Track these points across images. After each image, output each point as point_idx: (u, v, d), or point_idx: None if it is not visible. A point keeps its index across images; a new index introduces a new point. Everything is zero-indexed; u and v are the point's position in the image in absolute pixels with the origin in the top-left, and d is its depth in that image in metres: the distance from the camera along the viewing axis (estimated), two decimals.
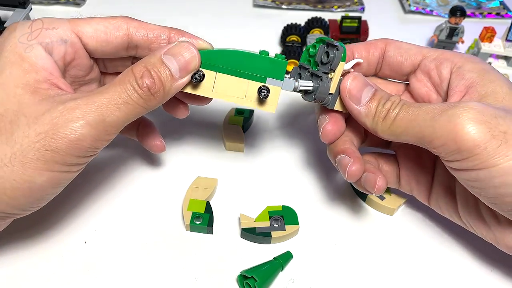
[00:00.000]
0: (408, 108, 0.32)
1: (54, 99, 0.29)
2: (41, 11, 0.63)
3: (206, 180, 0.42)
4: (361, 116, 0.34)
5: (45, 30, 0.32)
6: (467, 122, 0.28)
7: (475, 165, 0.29)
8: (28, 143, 0.28)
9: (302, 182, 0.45)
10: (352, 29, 0.60)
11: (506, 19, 0.69)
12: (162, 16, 0.65)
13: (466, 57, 0.35)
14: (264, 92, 0.34)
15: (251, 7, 0.69)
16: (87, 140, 0.29)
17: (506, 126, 0.28)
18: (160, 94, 0.31)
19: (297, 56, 0.55)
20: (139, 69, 0.30)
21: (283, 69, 0.34)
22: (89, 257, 0.37)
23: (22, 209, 0.31)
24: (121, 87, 0.30)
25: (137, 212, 0.41)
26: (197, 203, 0.40)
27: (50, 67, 0.31)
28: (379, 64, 0.39)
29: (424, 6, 0.70)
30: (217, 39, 0.62)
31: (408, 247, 0.40)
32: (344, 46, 0.34)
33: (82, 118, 0.28)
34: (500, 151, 0.28)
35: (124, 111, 0.30)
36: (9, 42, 0.31)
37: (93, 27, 0.33)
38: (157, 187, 0.43)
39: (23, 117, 0.28)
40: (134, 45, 0.35)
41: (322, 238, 0.40)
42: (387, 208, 0.42)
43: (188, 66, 0.32)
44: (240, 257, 0.38)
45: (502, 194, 0.29)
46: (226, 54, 0.33)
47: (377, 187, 0.35)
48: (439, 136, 0.30)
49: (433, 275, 0.38)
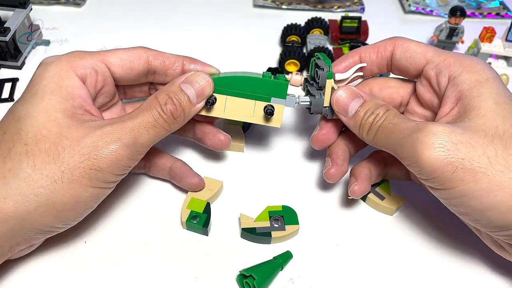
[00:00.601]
0: (388, 124, 0.34)
1: (89, 124, 0.33)
2: (41, 11, 0.63)
3: (211, 181, 0.42)
4: (350, 126, 0.38)
5: (78, 61, 0.35)
6: (426, 148, 0.30)
7: (436, 185, 0.32)
8: (74, 162, 0.31)
9: (302, 182, 0.45)
10: (352, 29, 0.60)
11: (506, 19, 0.69)
12: (162, 17, 0.65)
13: (466, 65, 0.35)
14: (270, 110, 0.39)
15: (251, 7, 0.69)
16: (123, 160, 0.33)
17: (465, 151, 0.30)
18: (181, 118, 0.36)
19: (297, 56, 0.55)
20: (162, 96, 0.35)
21: (285, 89, 0.39)
22: (89, 257, 0.37)
23: (65, 223, 0.34)
24: (148, 113, 0.34)
25: (137, 212, 0.41)
26: (198, 202, 0.40)
27: (84, 95, 0.35)
28: (388, 65, 0.40)
29: (424, 6, 0.70)
30: (217, 39, 0.62)
31: (408, 247, 0.40)
32: (330, 65, 0.39)
33: (119, 140, 0.32)
34: (456, 176, 0.30)
35: (152, 134, 0.34)
36: (48, 73, 0.34)
37: (119, 57, 0.37)
38: (158, 187, 0.43)
39: (65, 139, 0.32)
40: (153, 71, 0.39)
41: (322, 238, 0.40)
42: (386, 208, 0.42)
43: (204, 93, 0.37)
44: (240, 257, 0.38)
45: (462, 213, 0.32)
46: (234, 80, 0.38)
47: (351, 190, 0.39)
48: (406, 156, 0.32)
49: (433, 275, 0.38)
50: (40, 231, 0.32)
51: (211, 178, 0.42)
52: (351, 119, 0.37)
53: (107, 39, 0.60)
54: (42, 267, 0.36)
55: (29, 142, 0.32)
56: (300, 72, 0.55)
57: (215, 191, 0.41)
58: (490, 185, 0.29)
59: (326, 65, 0.39)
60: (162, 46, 0.59)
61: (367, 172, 0.40)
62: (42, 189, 0.31)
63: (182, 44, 0.61)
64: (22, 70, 0.55)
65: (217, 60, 0.45)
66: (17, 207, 0.30)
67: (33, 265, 0.36)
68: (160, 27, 0.63)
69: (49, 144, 0.32)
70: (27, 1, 0.54)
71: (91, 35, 0.61)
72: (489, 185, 0.29)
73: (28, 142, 0.32)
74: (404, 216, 0.42)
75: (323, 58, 0.40)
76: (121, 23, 0.63)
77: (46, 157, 0.31)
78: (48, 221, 0.32)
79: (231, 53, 0.60)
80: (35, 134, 0.32)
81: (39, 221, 0.31)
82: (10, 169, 0.31)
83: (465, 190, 0.30)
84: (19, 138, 0.32)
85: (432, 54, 0.37)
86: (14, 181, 0.31)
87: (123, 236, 0.39)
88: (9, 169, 0.31)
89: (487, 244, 0.36)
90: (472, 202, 0.30)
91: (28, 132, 0.32)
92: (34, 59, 0.57)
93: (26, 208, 0.30)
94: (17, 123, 0.33)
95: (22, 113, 0.33)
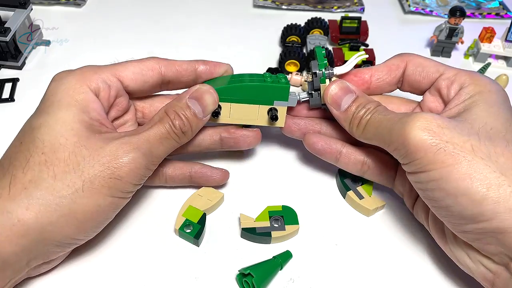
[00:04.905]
0: (377, 115, 0.36)
1: (106, 136, 0.34)
2: (41, 11, 0.63)
3: (212, 191, 0.42)
4: (341, 121, 0.39)
5: (91, 76, 0.36)
6: (413, 129, 0.32)
7: (417, 168, 0.32)
8: (94, 172, 0.32)
9: (302, 182, 0.45)
10: (352, 30, 0.60)
11: (505, 20, 0.69)
12: (162, 17, 0.65)
13: (476, 79, 0.36)
14: (274, 113, 0.40)
15: (251, 7, 0.69)
16: (142, 168, 0.34)
17: (450, 136, 0.31)
18: (189, 132, 0.37)
19: (297, 56, 0.55)
20: (171, 112, 0.36)
21: (286, 92, 0.40)
22: (89, 257, 0.37)
23: (85, 234, 0.34)
24: (161, 126, 0.35)
25: (138, 212, 0.41)
26: (194, 211, 0.40)
27: (99, 109, 0.35)
28: (399, 82, 0.41)
29: (424, 6, 0.70)
30: (217, 40, 0.62)
31: (408, 247, 0.40)
32: (325, 64, 0.39)
33: (137, 149, 0.33)
34: (437, 157, 0.31)
35: (165, 145, 0.36)
36: (62, 86, 0.35)
37: (131, 70, 0.38)
38: (159, 186, 0.43)
39: (84, 149, 0.32)
40: (167, 81, 0.40)
41: (322, 238, 0.40)
42: (363, 208, 0.42)
43: (209, 107, 0.38)
44: (240, 257, 0.38)
45: (437, 198, 0.32)
46: (237, 88, 0.39)
47: (306, 139, 0.42)
48: (394, 140, 0.33)
49: (433, 275, 0.38)
50: (59, 244, 0.32)
51: (212, 188, 0.42)
52: (343, 113, 0.38)
53: (107, 39, 0.60)
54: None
55: (46, 151, 0.32)
56: (300, 73, 0.55)
57: (214, 202, 0.41)
58: (469, 170, 0.30)
59: (319, 70, 0.39)
60: (162, 46, 0.60)
61: (340, 146, 0.41)
62: (64, 198, 0.31)
63: (182, 44, 0.61)
64: (22, 70, 0.55)
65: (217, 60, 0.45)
66: (39, 217, 0.30)
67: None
68: (160, 27, 0.63)
69: (68, 153, 0.32)
70: (28, 1, 0.54)
71: (91, 35, 0.61)
72: (467, 170, 0.30)
73: (45, 151, 0.32)
74: (405, 216, 0.42)
75: (318, 56, 0.40)
76: (121, 23, 0.63)
77: (65, 167, 0.31)
78: (68, 232, 0.32)
79: (231, 53, 0.60)
80: (52, 143, 0.32)
81: (60, 232, 0.31)
82: (30, 180, 0.31)
83: (444, 172, 0.30)
84: (34, 147, 0.32)
85: (444, 68, 0.38)
86: (36, 191, 0.30)
87: (123, 236, 0.39)
88: (29, 180, 0.31)
89: (449, 253, 0.35)
90: (448, 185, 0.30)
91: (44, 140, 0.32)
92: (34, 59, 0.57)
93: (48, 219, 0.30)
94: (33, 131, 0.33)
95: (38, 122, 0.33)
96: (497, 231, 0.30)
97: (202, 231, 0.38)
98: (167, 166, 0.41)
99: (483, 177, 0.29)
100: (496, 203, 0.29)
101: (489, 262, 0.32)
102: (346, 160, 0.41)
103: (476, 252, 0.32)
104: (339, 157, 0.41)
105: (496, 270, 0.32)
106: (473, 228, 0.31)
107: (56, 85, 0.35)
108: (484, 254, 0.32)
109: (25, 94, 0.52)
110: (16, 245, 0.30)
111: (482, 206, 0.29)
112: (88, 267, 0.37)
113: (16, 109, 0.50)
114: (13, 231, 0.30)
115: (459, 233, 0.32)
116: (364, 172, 0.41)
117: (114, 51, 0.58)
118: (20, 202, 0.30)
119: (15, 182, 0.31)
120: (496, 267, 0.32)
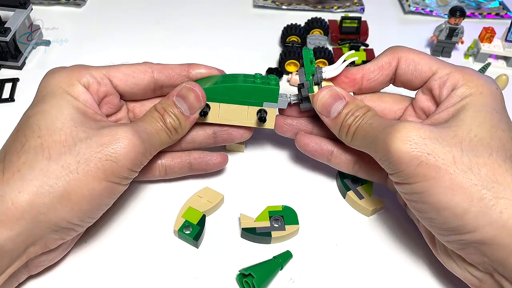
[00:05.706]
0: (363, 124, 0.35)
1: (101, 124, 0.34)
2: (41, 11, 0.63)
3: (212, 192, 0.42)
4: (331, 128, 0.39)
5: (82, 71, 0.36)
6: (395, 141, 0.31)
7: (401, 179, 0.32)
8: (90, 152, 0.32)
9: (302, 182, 0.45)
10: (352, 30, 0.60)
11: (505, 20, 0.69)
12: (162, 17, 0.65)
13: (469, 80, 0.35)
14: (263, 114, 0.40)
15: (251, 7, 0.69)
16: (139, 153, 0.34)
17: (432, 147, 0.30)
18: (180, 129, 0.38)
19: (297, 56, 0.55)
20: (160, 109, 0.37)
21: (276, 94, 0.40)
22: (89, 257, 0.37)
23: (81, 218, 0.33)
24: (154, 120, 0.36)
25: (138, 212, 0.41)
26: (194, 212, 0.39)
27: (90, 100, 0.36)
28: (391, 80, 0.40)
29: (424, 6, 0.70)
30: (217, 40, 0.62)
31: (408, 247, 0.40)
32: (311, 79, 0.38)
33: (136, 133, 0.33)
34: (419, 170, 0.30)
35: (161, 137, 0.37)
36: (54, 79, 0.35)
37: (122, 72, 0.38)
38: (160, 186, 0.43)
39: (81, 131, 0.32)
40: (160, 85, 0.40)
41: (322, 238, 0.40)
42: (363, 208, 0.42)
43: (195, 106, 0.38)
44: (240, 257, 0.38)
45: (421, 210, 0.32)
46: (226, 89, 0.39)
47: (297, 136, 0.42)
48: (378, 151, 0.33)
49: (433, 275, 0.38)
50: (56, 228, 0.31)
51: (213, 189, 0.42)
52: (333, 120, 0.38)
53: (107, 40, 0.60)
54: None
55: (43, 134, 0.32)
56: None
57: (214, 204, 0.41)
58: (451, 184, 0.30)
59: (306, 80, 0.38)
60: (162, 46, 0.60)
61: (331, 146, 0.41)
62: (57, 180, 0.30)
63: (182, 44, 0.61)
64: (22, 70, 0.55)
65: (217, 60, 0.45)
66: (33, 199, 0.30)
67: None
68: (160, 27, 0.64)
69: (65, 135, 0.32)
70: (28, 1, 0.54)
71: (91, 35, 0.61)
72: (449, 183, 0.30)
73: (41, 134, 0.32)
74: (404, 216, 0.42)
75: (305, 63, 0.39)
76: (121, 24, 0.63)
77: (61, 148, 0.31)
78: (63, 214, 0.31)
79: (231, 53, 0.60)
80: (48, 127, 0.32)
81: (55, 214, 0.31)
82: (24, 162, 0.31)
83: (426, 186, 0.30)
84: (31, 132, 0.32)
85: (437, 66, 0.37)
86: (29, 172, 0.30)
87: (124, 236, 0.39)
88: (23, 162, 0.31)
89: (438, 257, 0.36)
90: (430, 199, 0.30)
91: (40, 125, 0.32)
92: (34, 59, 0.57)
93: (42, 200, 0.30)
94: (29, 119, 0.33)
95: (34, 111, 0.33)
96: (479, 242, 0.30)
97: (201, 233, 0.38)
98: (165, 157, 0.41)
99: (465, 190, 0.29)
100: (477, 217, 0.29)
101: (475, 270, 0.32)
102: (337, 160, 0.41)
103: (463, 260, 0.33)
104: (330, 157, 0.41)
105: (482, 277, 0.32)
106: (457, 239, 0.31)
107: (48, 79, 0.36)
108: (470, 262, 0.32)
109: (25, 94, 0.52)
110: (12, 230, 0.29)
111: (464, 220, 0.30)
112: (88, 267, 0.37)
113: (16, 109, 0.49)
114: (8, 215, 0.29)
115: (445, 242, 0.33)
116: (357, 171, 0.41)
117: (114, 51, 0.58)
118: (13, 185, 0.30)
119: (10, 166, 0.31)
120: (481, 275, 0.32)
